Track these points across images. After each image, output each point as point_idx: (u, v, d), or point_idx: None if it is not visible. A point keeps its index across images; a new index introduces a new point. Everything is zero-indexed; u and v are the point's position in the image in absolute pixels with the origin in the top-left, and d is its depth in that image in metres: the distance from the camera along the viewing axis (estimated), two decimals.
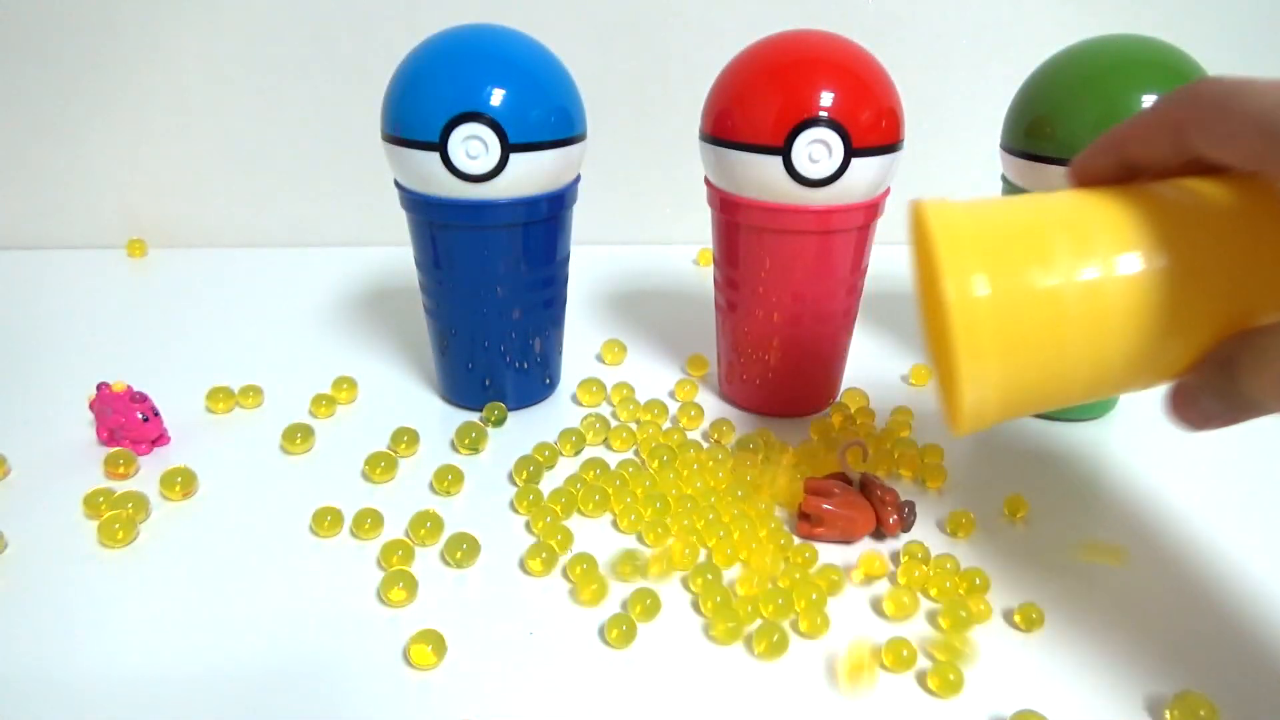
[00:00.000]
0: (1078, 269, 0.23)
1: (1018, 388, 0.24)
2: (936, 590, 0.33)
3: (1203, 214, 0.24)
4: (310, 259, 0.69)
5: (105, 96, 0.68)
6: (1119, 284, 0.23)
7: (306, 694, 0.28)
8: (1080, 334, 0.23)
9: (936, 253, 0.23)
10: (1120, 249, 0.23)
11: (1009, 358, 0.23)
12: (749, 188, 0.40)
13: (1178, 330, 0.24)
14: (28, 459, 0.40)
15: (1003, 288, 0.23)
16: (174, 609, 0.32)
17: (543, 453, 0.41)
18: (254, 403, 0.46)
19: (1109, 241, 0.23)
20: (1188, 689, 0.28)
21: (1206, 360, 0.24)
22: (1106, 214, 0.24)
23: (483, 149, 0.38)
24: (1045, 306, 0.23)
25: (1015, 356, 0.23)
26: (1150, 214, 0.24)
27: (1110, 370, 0.24)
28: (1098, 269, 0.23)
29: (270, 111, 0.69)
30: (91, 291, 0.63)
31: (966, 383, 0.23)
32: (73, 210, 0.71)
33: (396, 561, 0.34)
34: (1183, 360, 0.24)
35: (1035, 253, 0.23)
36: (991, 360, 0.23)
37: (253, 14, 0.66)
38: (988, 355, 0.23)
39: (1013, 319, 0.23)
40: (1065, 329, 0.23)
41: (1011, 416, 0.26)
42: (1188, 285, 0.23)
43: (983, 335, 0.23)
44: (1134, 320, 0.23)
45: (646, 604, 0.32)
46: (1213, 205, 0.24)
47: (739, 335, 0.45)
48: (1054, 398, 0.25)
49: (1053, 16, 0.68)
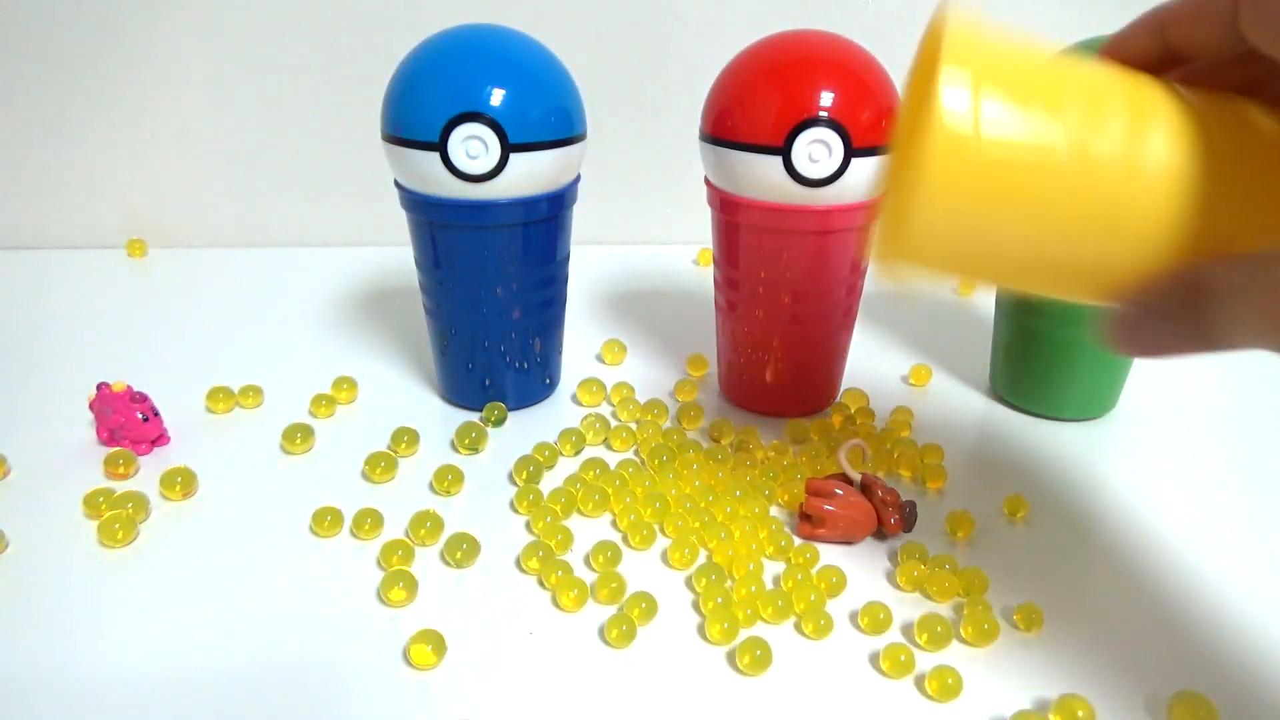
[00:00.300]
0: (1081, 132, 0.21)
1: (970, 235, 0.22)
2: (936, 591, 0.33)
3: (1229, 125, 0.22)
4: (310, 259, 0.69)
5: (105, 96, 0.68)
6: (1119, 163, 0.21)
7: (306, 694, 0.28)
8: (1060, 200, 0.22)
9: (941, 61, 0.21)
10: (1132, 130, 0.22)
11: (978, 199, 0.22)
12: (749, 188, 0.40)
13: (1163, 233, 0.22)
14: (28, 459, 0.40)
15: (997, 120, 0.21)
16: (174, 609, 0.32)
17: (543, 453, 0.41)
18: (254, 403, 0.46)
19: (1123, 119, 0.22)
20: (1188, 689, 0.28)
21: (1170, 282, 0.22)
22: (1129, 92, 0.22)
23: (483, 149, 0.38)
24: (1035, 154, 0.21)
25: (984, 201, 0.22)
26: (1173, 108, 0.22)
27: (1073, 251, 0.22)
28: (1101, 140, 0.21)
29: (270, 111, 0.69)
30: (91, 291, 0.63)
31: (921, 207, 0.22)
32: (73, 210, 0.71)
33: (396, 561, 0.34)
34: (1152, 264, 0.22)
35: (1045, 99, 0.22)
36: (958, 193, 0.22)
37: (253, 14, 0.66)
38: (956, 187, 0.21)
39: (997, 159, 0.21)
40: (1046, 190, 0.22)
41: (943, 269, 0.24)
42: (1192, 189, 0.22)
43: (960, 165, 0.21)
44: (1121, 207, 0.22)
45: (644, 606, 0.32)
46: (1241, 118, 0.22)
47: (739, 335, 0.45)
48: (996, 263, 0.23)
49: (1052, 16, 0.68)
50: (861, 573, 0.34)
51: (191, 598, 0.33)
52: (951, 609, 0.33)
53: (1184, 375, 0.51)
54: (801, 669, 0.30)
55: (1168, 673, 0.30)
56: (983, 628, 0.31)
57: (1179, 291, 0.22)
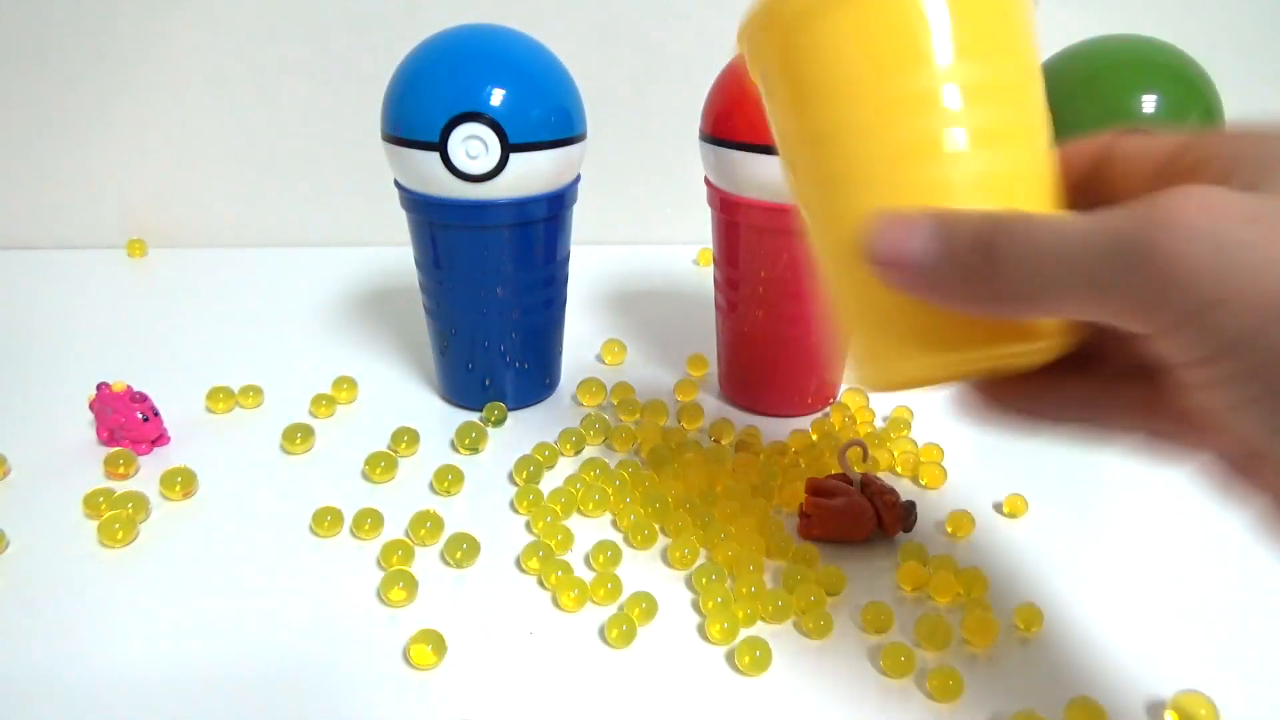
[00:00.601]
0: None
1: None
2: (936, 590, 0.33)
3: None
4: (310, 259, 0.69)
5: (105, 96, 0.68)
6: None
7: (306, 694, 0.28)
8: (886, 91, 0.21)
9: None
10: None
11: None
12: (749, 188, 0.40)
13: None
14: (28, 459, 0.40)
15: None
16: (174, 609, 0.32)
17: (543, 453, 0.41)
18: (254, 403, 0.46)
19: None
20: (1188, 689, 0.28)
21: (959, 222, 0.19)
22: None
23: (483, 149, 0.38)
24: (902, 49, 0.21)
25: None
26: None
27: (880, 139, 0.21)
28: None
29: (270, 111, 0.69)
30: (91, 291, 0.63)
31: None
32: (73, 210, 0.71)
33: (396, 561, 0.34)
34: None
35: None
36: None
37: (252, 14, 0.66)
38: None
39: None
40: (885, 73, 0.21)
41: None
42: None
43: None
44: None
45: (643, 606, 0.32)
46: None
47: (739, 335, 0.45)
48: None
49: (1053, 16, 0.67)
50: (861, 573, 0.34)
51: (191, 598, 0.33)
52: (951, 609, 0.33)
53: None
54: (801, 669, 0.30)
55: (1168, 673, 0.30)
56: (983, 628, 0.31)
57: (970, 238, 0.19)
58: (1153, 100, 0.39)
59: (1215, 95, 0.40)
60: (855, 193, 0.22)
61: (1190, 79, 0.40)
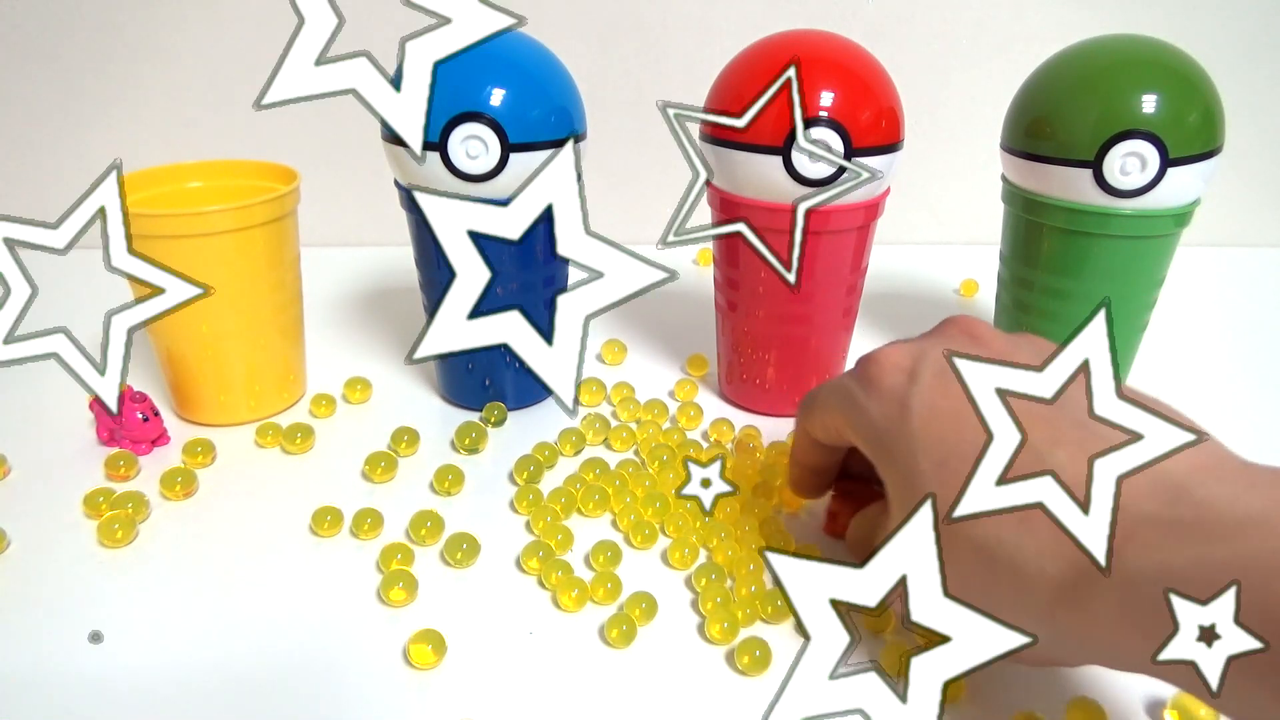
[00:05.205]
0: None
1: None
2: None
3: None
4: (310, 259, 0.69)
5: (105, 96, 0.68)
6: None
7: (306, 694, 0.29)
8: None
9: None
10: None
11: None
12: (749, 188, 0.40)
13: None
14: (28, 459, 0.40)
15: None
16: (174, 609, 0.32)
17: (543, 453, 0.41)
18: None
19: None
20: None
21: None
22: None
23: (483, 149, 0.38)
24: None
25: None
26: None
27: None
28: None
29: (270, 111, 0.69)
30: (91, 291, 0.62)
31: None
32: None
33: (396, 562, 0.34)
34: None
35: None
36: None
37: (253, 14, 0.66)
38: None
39: None
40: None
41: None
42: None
43: None
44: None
45: (644, 606, 0.32)
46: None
47: (739, 335, 0.45)
48: None
49: (1053, 16, 0.68)
50: None
51: (191, 598, 0.33)
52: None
53: (1186, 369, 0.51)
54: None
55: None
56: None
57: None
58: (1153, 100, 0.39)
59: (1215, 95, 0.40)
60: None
61: (1190, 79, 0.40)
